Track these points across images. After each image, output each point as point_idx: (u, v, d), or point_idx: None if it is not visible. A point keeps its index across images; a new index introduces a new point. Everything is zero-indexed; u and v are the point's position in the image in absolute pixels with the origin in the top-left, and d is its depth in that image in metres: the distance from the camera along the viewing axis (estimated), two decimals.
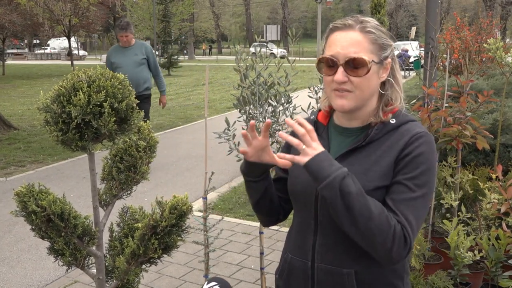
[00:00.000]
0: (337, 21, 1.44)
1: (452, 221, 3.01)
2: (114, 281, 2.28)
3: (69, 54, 32.67)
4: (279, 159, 1.42)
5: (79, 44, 57.17)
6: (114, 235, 2.36)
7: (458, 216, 3.23)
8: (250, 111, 6.09)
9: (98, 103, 1.83)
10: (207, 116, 2.63)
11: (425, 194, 1.36)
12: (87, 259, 2.22)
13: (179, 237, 2.19)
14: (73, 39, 37.19)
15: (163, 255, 2.18)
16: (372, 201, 1.31)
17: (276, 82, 5.98)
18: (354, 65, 1.37)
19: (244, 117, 6.21)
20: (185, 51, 43.46)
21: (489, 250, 2.86)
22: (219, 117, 11.33)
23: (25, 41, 60.15)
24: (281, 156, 1.37)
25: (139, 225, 2.15)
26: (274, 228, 4.64)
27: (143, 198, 5.73)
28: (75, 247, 2.14)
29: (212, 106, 13.81)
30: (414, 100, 4.66)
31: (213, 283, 1.77)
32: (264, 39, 32.56)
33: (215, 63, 39.10)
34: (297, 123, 1.33)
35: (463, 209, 3.23)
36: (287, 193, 1.58)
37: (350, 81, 1.38)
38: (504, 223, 2.93)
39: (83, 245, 2.10)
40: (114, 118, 1.86)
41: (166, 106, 7.55)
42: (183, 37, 44.03)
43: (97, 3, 22.68)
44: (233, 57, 6.35)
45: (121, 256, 2.20)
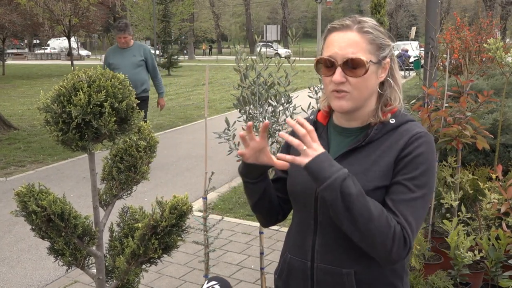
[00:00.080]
0: (335, 22, 1.44)
1: (452, 221, 3.01)
2: (114, 281, 2.28)
3: (69, 54, 32.70)
4: (277, 160, 1.41)
5: (82, 44, 57.19)
6: (114, 235, 2.36)
7: (458, 216, 3.23)
8: (250, 111, 6.08)
9: (99, 103, 1.83)
10: (207, 116, 2.64)
11: (424, 194, 1.36)
12: (87, 259, 2.22)
13: (179, 237, 2.19)
14: (73, 39, 37.21)
15: (163, 255, 2.18)
16: (372, 202, 1.31)
17: (276, 82, 5.98)
18: (352, 65, 1.37)
19: (244, 117, 6.20)
20: (185, 51, 43.44)
21: (489, 250, 2.86)
22: (219, 117, 11.33)
23: (25, 41, 60.17)
24: (281, 157, 1.36)
25: (139, 225, 2.16)
26: (274, 228, 4.64)
27: (143, 198, 5.73)
28: (75, 247, 2.14)
29: (212, 106, 13.81)
30: (414, 100, 4.66)
31: (213, 282, 1.78)
32: (265, 39, 32.54)
33: (215, 63, 39.09)
34: (297, 123, 1.32)
35: (463, 209, 3.23)
36: (286, 193, 1.58)
37: (348, 81, 1.38)
38: (504, 223, 2.94)
39: (83, 245, 2.10)
40: (114, 118, 1.86)
41: (166, 106, 7.54)
42: (183, 37, 44.02)
43: (97, 3, 22.70)
44: (233, 57, 6.34)
45: (121, 256, 2.20)
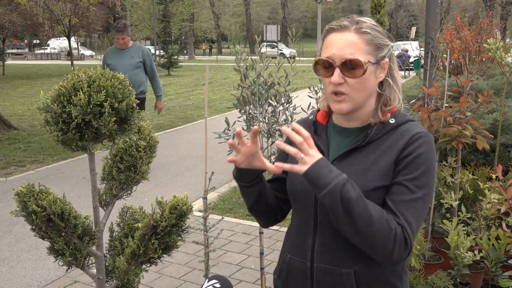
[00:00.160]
0: (333, 23, 1.43)
1: (452, 221, 3.01)
2: (114, 281, 2.28)
3: (70, 54, 32.73)
4: (271, 165, 1.39)
5: (83, 44, 57.15)
6: (114, 235, 2.36)
7: (458, 216, 3.23)
8: (250, 111, 6.09)
9: (98, 103, 1.83)
10: (207, 116, 2.63)
11: (425, 195, 1.36)
12: (87, 259, 2.22)
13: (179, 237, 2.19)
14: (73, 39, 37.23)
15: (163, 255, 2.18)
16: (372, 205, 1.31)
17: (276, 82, 5.98)
18: (350, 66, 1.36)
19: (244, 117, 6.21)
20: (185, 51, 43.45)
21: (489, 250, 2.86)
22: (219, 117, 11.34)
23: (25, 41, 60.16)
24: (279, 166, 1.34)
25: (139, 225, 2.16)
26: (274, 228, 4.64)
27: (143, 198, 5.73)
28: (75, 247, 2.14)
29: (212, 106, 13.80)
30: (414, 100, 4.66)
31: (214, 281, 1.77)
32: (265, 39, 32.53)
33: (215, 63, 39.08)
34: (293, 130, 1.31)
35: (463, 209, 3.23)
36: (285, 193, 1.58)
37: (346, 82, 1.38)
38: (504, 223, 2.94)
39: (83, 245, 2.10)
40: (114, 118, 1.86)
41: (166, 106, 7.53)
42: (183, 37, 44.03)
43: (97, 3, 22.73)
44: (233, 57, 6.34)
45: (121, 256, 2.20)
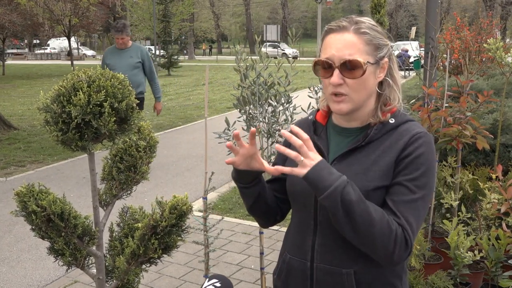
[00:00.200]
0: (332, 23, 1.43)
1: (452, 221, 3.01)
2: (114, 281, 2.28)
3: (70, 54, 32.72)
4: (270, 166, 1.39)
5: (84, 44, 57.10)
6: (114, 235, 2.36)
7: (458, 216, 3.23)
8: (250, 111, 6.09)
9: (98, 103, 1.83)
10: (207, 116, 2.63)
11: (425, 195, 1.36)
12: (87, 259, 2.22)
13: (179, 237, 2.19)
14: (73, 39, 37.23)
15: (163, 255, 2.18)
16: (373, 206, 1.31)
17: (276, 82, 5.98)
18: (349, 67, 1.36)
19: (244, 117, 6.21)
20: (185, 51, 43.44)
21: (489, 250, 2.86)
22: (219, 117, 11.34)
23: (25, 41, 60.18)
24: (279, 170, 1.34)
25: (139, 225, 2.15)
26: (274, 228, 4.64)
27: (143, 198, 5.73)
28: (75, 247, 2.14)
29: (212, 106, 13.80)
30: (414, 100, 4.66)
31: (214, 280, 1.77)
32: (265, 39, 32.52)
33: (215, 63, 39.09)
34: (292, 133, 1.31)
35: (463, 209, 3.23)
36: (284, 193, 1.58)
37: (346, 83, 1.38)
38: (504, 223, 2.94)
39: (83, 245, 2.10)
40: (114, 118, 1.86)
41: (166, 106, 7.52)
42: (183, 37, 44.01)
43: (97, 3, 22.71)
44: (233, 57, 6.34)
45: (121, 256, 2.20)
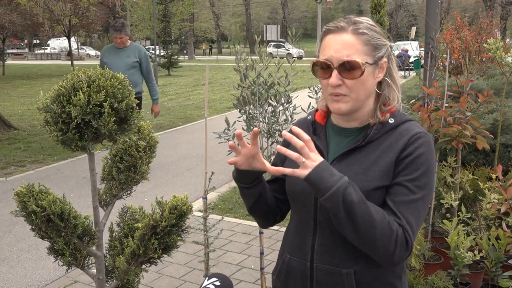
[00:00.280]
0: (330, 24, 1.43)
1: (452, 221, 3.01)
2: (114, 281, 2.28)
3: (69, 54, 32.71)
4: (271, 166, 1.39)
5: (84, 44, 57.09)
6: (114, 235, 2.36)
7: (458, 216, 3.23)
8: (250, 111, 6.09)
9: (98, 103, 1.82)
10: (207, 116, 2.63)
11: (425, 195, 1.37)
12: (87, 259, 2.22)
13: (179, 237, 2.19)
14: (73, 39, 37.22)
15: (163, 255, 2.18)
16: (373, 207, 1.31)
17: (276, 82, 5.98)
18: (348, 68, 1.36)
19: (244, 117, 6.21)
20: (185, 51, 43.44)
21: (489, 250, 2.86)
22: (219, 117, 11.34)
23: (25, 41, 60.18)
24: (280, 171, 1.34)
25: (139, 225, 2.15)
26: (274, 228, 4.64)
27: (143, 198, 5.73)
28: (75, 247, 2.14)
29: (212, 106, 13.80)
30: (414, 100, 4.66)
31: (214, 279, 1.77)
32: (265, 39, 32.51)
33: (215, 63, 39.08)
34: (293, 134, 1.31)
35: (463, 209, 3.23)
36: (284, 194, 1.57)
37: (345, 84, 1.38)
38: (504, 223, 2.93)
39: (83, 245, 2.10)
40: (114, 118, 1.86)
41: (166, 106, 7.51)
42: (183, 37, 44.01)
43: (97, 3, 22.71)
44: (233, 57, 6.34)
45: (121, 256, 2.20)
